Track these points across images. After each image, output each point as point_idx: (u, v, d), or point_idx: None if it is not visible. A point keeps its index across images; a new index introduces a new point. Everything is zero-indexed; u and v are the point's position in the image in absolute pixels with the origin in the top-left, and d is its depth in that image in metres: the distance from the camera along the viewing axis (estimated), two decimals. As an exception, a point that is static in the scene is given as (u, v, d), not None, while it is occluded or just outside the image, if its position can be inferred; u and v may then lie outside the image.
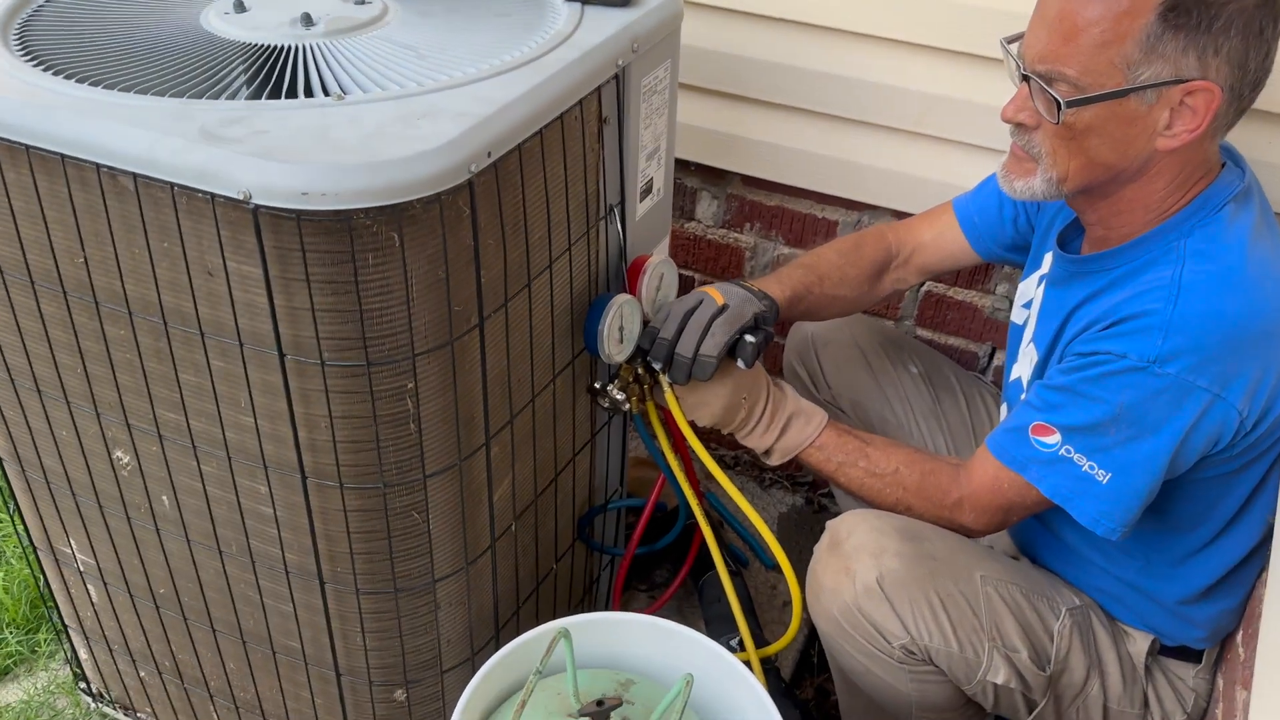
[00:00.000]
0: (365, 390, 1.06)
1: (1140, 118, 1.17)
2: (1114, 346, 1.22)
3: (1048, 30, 1.17)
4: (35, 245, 1.11)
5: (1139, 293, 1.23)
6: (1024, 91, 1.22)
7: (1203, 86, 1.13)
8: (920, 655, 1.35)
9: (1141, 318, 1.21)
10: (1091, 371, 1.23)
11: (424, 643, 1.28)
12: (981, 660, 1.35)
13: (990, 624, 1.36)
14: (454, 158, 0.98)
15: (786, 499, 2.16)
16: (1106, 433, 1.23)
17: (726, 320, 1.32)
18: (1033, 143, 1.24)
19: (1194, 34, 1.11)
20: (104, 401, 1.20)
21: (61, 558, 1.47)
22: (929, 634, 1.34)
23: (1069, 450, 1.26)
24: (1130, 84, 1.14)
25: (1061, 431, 1.26)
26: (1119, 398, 1.21)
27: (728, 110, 1.83)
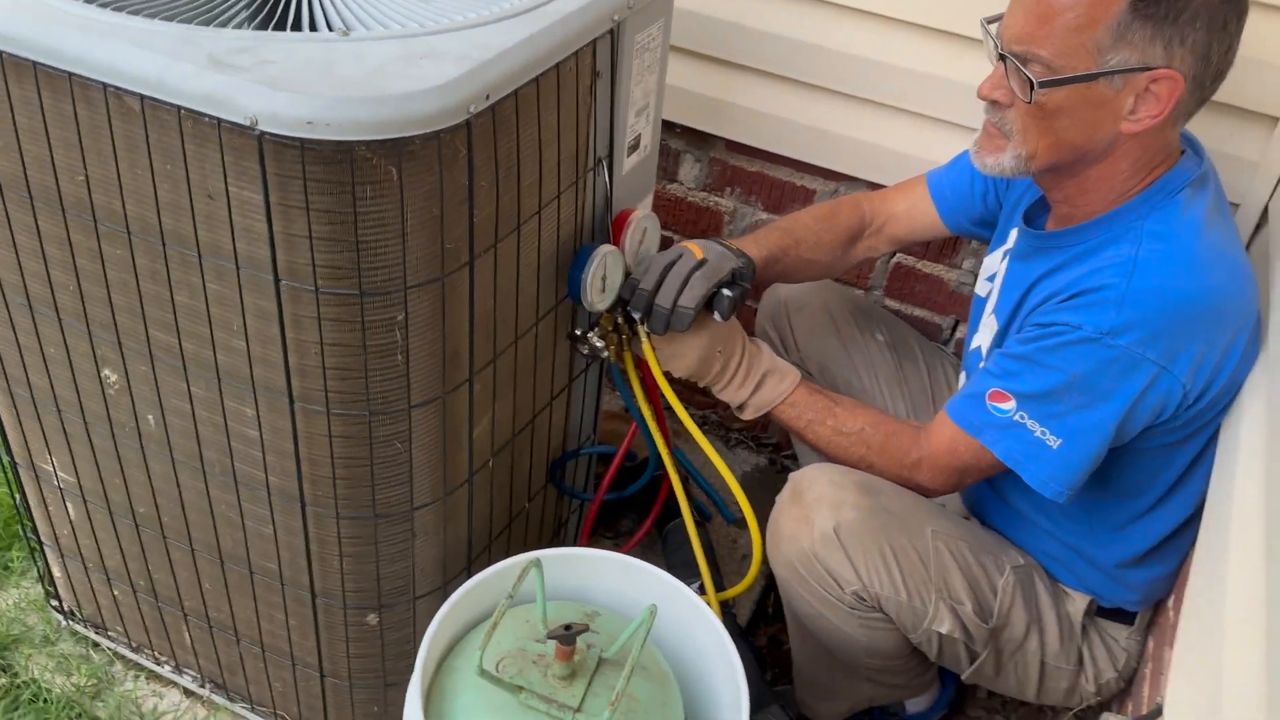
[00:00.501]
0: (357, 319, 1.10)
1: (1107, 102, 1.23)
2: (1071, 318, 1.28)
3: (1025, 12, 1.23)
4: (36, 162, 1.13)
5: (1098, 268, 1.29)
6: (1000, 70, 1.28)
7: (1167, 75, 1.20)
8: (871, 602, 1.43)
9: (1098, 291, 1.27)
10: (1049, 341, 1.30)
11: (399, 569, 1.32)
12: (928, 610, 1.43)
13: (938, 576, 1.43)
14: (454, 98, 1.02)
15: (751, 458, 2.22)
16: (1059, 400, 1.30)
17: (705, 274, 1.37)
18: (1005, 120, 1.29)
19: (1162, 24, 1.17)
20: (96, 320, 1.23)
21: (41, 475, 1.49)
22: (880, 582, 1.41)
23: (1023, 416, 1.33)
24: (1100, 68, 1.20)
25: (1017, 398, 1.33)
26: (1073, 367, 1.28)
27: (716, 75, 1.87)
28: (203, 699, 1.64)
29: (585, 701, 1.18)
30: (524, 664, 1.21)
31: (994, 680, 1.56)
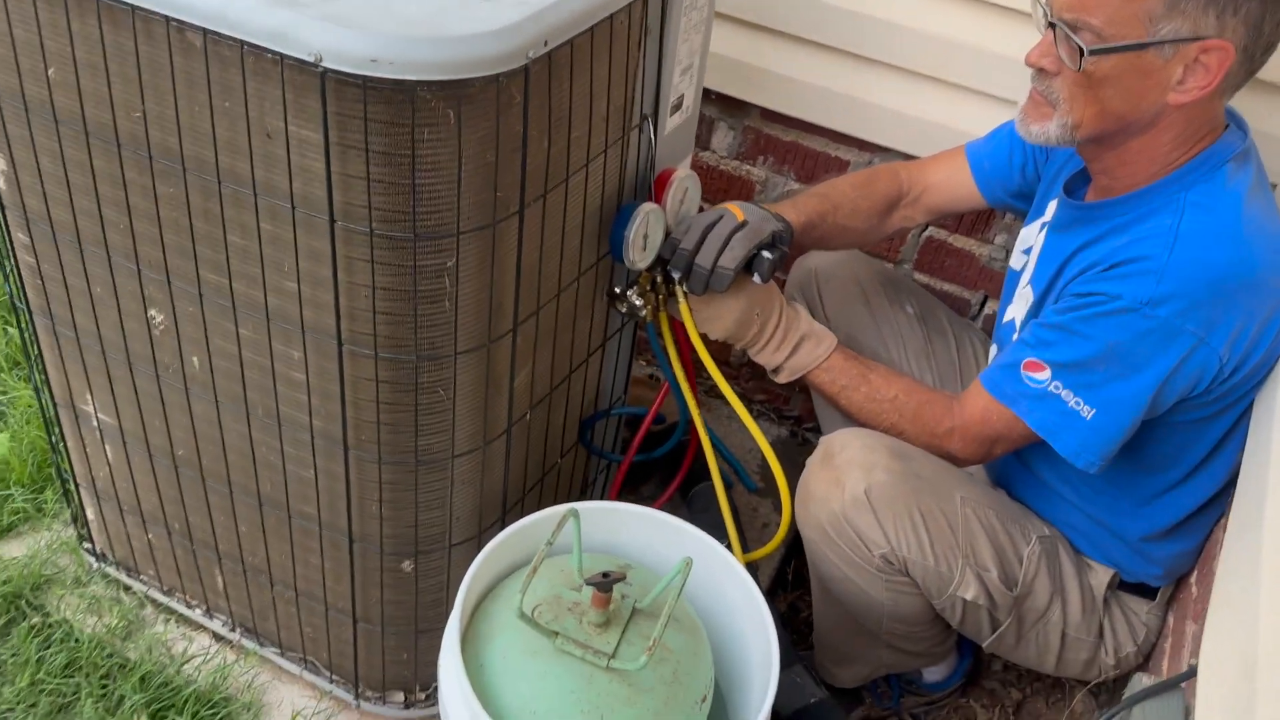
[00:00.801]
0: (409, 264, 1.11)
1: (1156, 71, 1.23)
2: (1109, 288, 1.29)
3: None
4: (94, 97, 1.14)
5: (1139, 239, 1.30)
6: (1048, 38, 1.27)
7: (1218, 45, 1.19)
8: (898, 566, 1.44)
9: (1139, 262, 1.28)
10: (1086, 311, 1.31)
11: (436, 516, 1.34)
12: (954, 576, 1.44)
13: (966, 543, 1.44)
14: (514, 41, 1.02)
15: (773, 430, 2.23)
16: (1094, 370, 1.31)
17: (745, 235, 1.38)
18: (1052, 89, 1.29)
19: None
20: (146, 260, 1.24)
21: (81, 416, 1.51)
22: (908, 546, 1.42)
23: (1057, 386, 1.34)
24: (1151, 38, 1.20)
25: (1052, 368, 1.34)
26: (1110, 336, 1.29)
27: (754, 41, 1.87)
28: (232, 643, 1.66)
29: (619, 649, 1.19)
30: (559, 610, 1.23)
31: (1014, 650, 1.57)
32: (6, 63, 1.18)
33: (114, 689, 1.60)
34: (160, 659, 1.65)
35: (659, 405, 1.66)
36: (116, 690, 1.60)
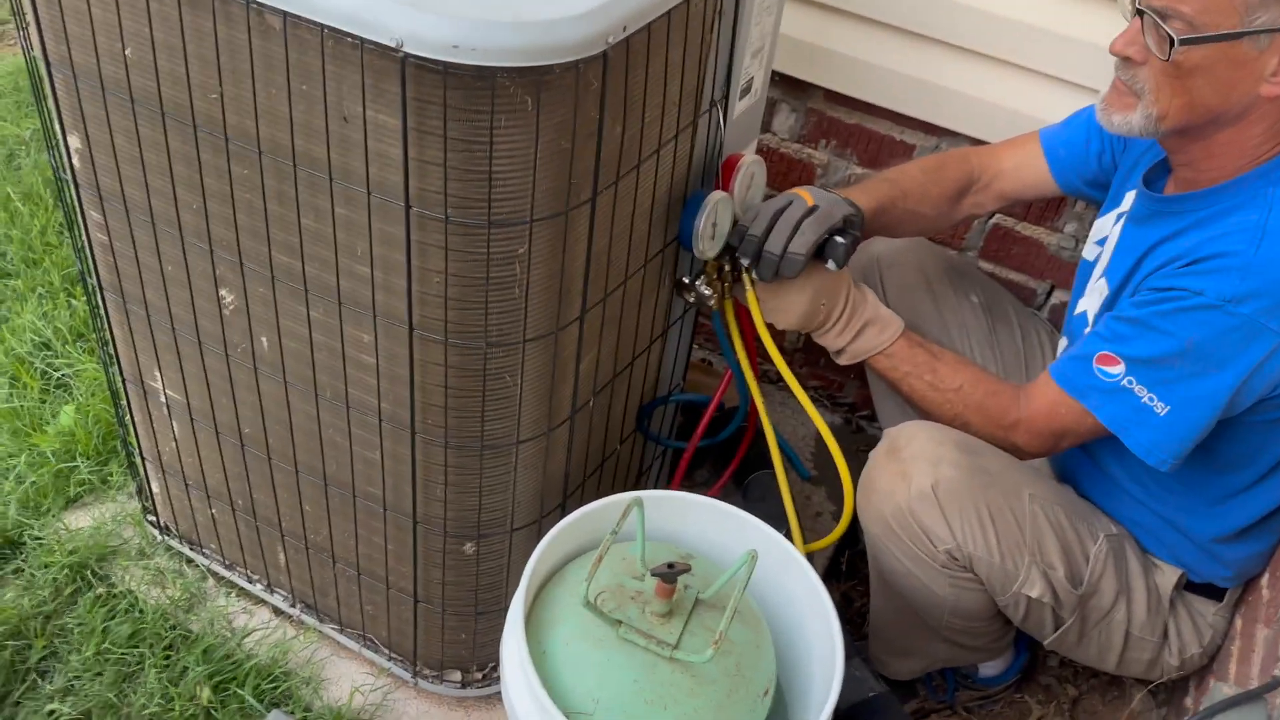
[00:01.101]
0: (481, 251, 1.10)
1: (1249, 62, 1.18)
2: (1191, 283, 1.25)
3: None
4: (171, 78, 1.14)
5: (1223, 234, 1.26)
6: (1136, 25, 1.23)
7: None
8: (963, 562, 1.42)
9: (1223, 258, 1.24)
10: (1165, 306, 1.27)
11: (499, 500, 1.34)
12: (1019, 573, 1.42)
13: (1033, 540, 1.42)
14: (594, 27, 1.01)
15: (826, 417, 2.21)
16: (1171, 366, 1.28)
17: (816, 220, 1.36)
18: (1137, 78, 1.25)
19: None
20: (219, 240, 1.24)
21: (149, 392, 1.53)
22: (974, 542, 1.40)
23: (1131, 381, 1.31)
24: (1245, 27, 1.15)
25: (1126, 362, 1.30)
26: (1189, 333, 1.25)
27: (820, 22, 1.84)
28: (292, 618, 1.69)
29: (682, 639, 1.19)
30: (622, 599, 1.23)
31: (1075, 648, 1.55)
32: (84, 42, 1.18)
33: (177, 660, 1.63)
34: (222, 632, 1.67)
35: (722, 392, 1.65)
36: (180, 661, 1.63)
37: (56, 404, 2.01)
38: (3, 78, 3.00)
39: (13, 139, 2.75)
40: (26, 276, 2.30)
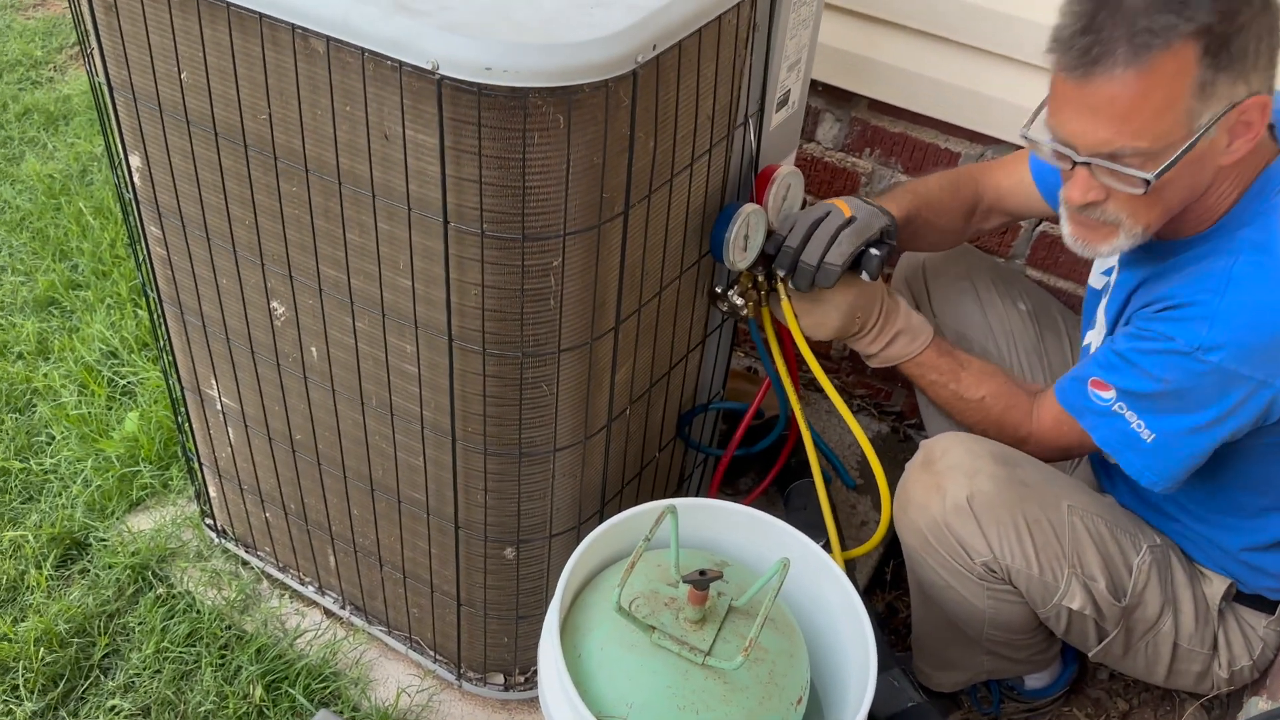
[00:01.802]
0: (517, 263, 1.13)
1: (1207, 152, 1.19)
2: (1166, 329, 1.27)
3: (1097, 116, 1.16)
4: (223, 100, 1.19)
5: (1194, 279, 1.26)
6: (1084, 175, 1.22)
7: (1255, 102, 1.16)
8: (1001, 574, 1.41)
9: (1191, 306, 1.25)
10: (1146, 345, 1.29)
11: (537, 506, 1.37)
12: (1060, 585, 1.41)
13: (1073, 551, 1.41)
14: (624, 47, 1.03)
15: (873, 425, 2.21)
16: (1155, 401, 1.30)
17: (854, 231, 1.37)
18: (1106, 212, 1.25)
19: (1234, 63, 1.13)
20: (269, 254, 1.29)
21: (206, 399, 1.59)
22: (1012, 554, 1.39)
23: (1121, 407, 1.33)
24: (1196, 132, 1.15)
25: (1117, 390, 1.33)
26: (1166, 375, 1.27)
27: (864, 32, 1.84)
28: (342, 620, 1.74)
29: (715, 646, 1.20)
30: (656, 605, 1.24)
31: (1121, 660, 1.53)
32: (143, 66, 1.24)
33: (232, 659, 1.69)
34: (275, 632, 1.73)
35: (760, 400, 1.66)
36: (234, 661, 1.68)
37: (122, 410, 2.10)
38: (78, 96, 3.13)
39: (86, 155, 2.87)
40: (96, 287, 2.40)
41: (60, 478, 1.98)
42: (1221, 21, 1.10)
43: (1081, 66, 1.14)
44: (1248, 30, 1.11)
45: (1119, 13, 1.12)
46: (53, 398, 2.13)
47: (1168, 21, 1.10)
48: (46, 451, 2.03)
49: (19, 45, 3.35)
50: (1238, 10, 1.11)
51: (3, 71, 3.24)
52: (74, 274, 2.46)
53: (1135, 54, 1.11)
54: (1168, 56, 1.10)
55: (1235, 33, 1.10)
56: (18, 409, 2.13)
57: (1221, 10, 1.10)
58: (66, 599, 1.77)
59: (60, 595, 1.78)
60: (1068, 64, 1.15)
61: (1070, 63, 1.15)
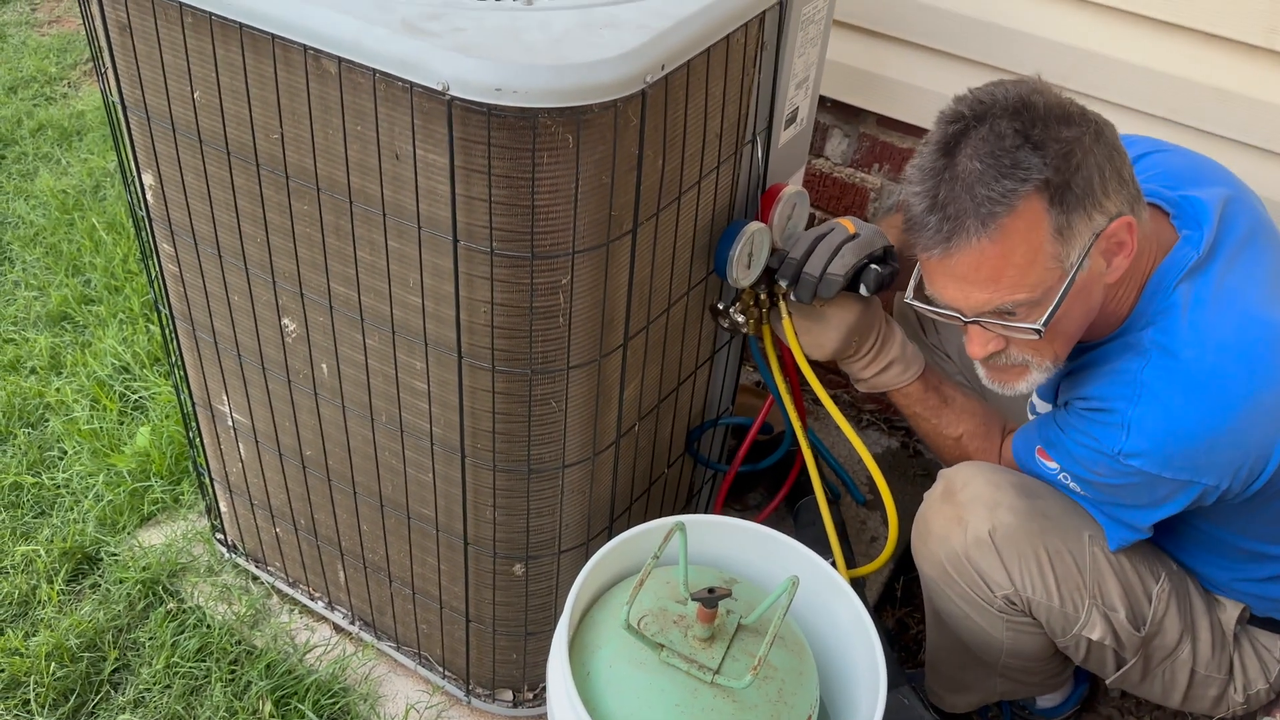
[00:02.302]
0: (525, 281, 1.14)
1: (1088, 280, 1.21)
2: (1089, 429, 1.29)
3: (968, 283, 1.20)
4: (235, 120, 1.20)
5: (1108, 381, 1.28)
6: (977, 331, 1.26)
7: (1120, 224, 1.18)
8: (1021, 606, 1.41)
9: (1107, 412, 1.26)
10: (1076, 438, 1.31)
11: (546, 523, 1.37)
12: (1080, 616, 1.40)
13: (1093, 582, 1.40)
14: (633, 67, 1.04)
15: (882, 440, 2.20)
16: (1092, 486, 1.34)
17: (856, 245, 1.37)
18: (1011, 356, 1.29)
19: (1084, 200, 1.16)
20: (281, 272, 1.30)
21: (217, 415, 1.60)
22: (1033, 587, 1.39)
23: (1066, 478, 1.37)
24: (1070, 270, 1.18)
25: (1059, 465, 1.36)
26: (1097, 469, 1.30)
27: (873, 48, 1.85)
28: (351, 635, 1.74)
29: (724, 664, 1.20)
30: (665, 623, 1.24)
31: (1138, 686, 1.52)
32: (156, 86, 1.25)
33: (241, 675, 1.69)
34: (284, 648, 1.73)
35: (764, 416, 1.66)
36: (244, 676, 1.69)
37: (133, 425, 2.11)
38: (91, 112, 3.15)
39: (99, 171, 2.89)
40: (109, 302, 2.42)
41: (72, 492, 1.99)
42: (1058, 171, 1.14)
43: (939, 244, 1.18)
44: (1084, 167, 1.15)
45: (957, 185, 1.16)
46: (65, 412, 2.14)
47: (1006, 187, 1.13)
48: (58, 466, 2.04)
49: (34, 61, 3.39)
50: (1069, 153, 1.14)
51: (18, 87, 3.27)
52: (87, 289, 2.48)
53: (984, 223, 1.14)
54: (1016, 217, 1.14)
55: (1073, 174, 1.14)
56: (30, 423, 2.14)
57: (1054, 161, 1.13)
58: (77, 614, 1.77)
59: (71, 610, 1.79)
60: (925, 244, 1.19)
61: (927, 242, 1.19)
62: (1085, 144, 1.15)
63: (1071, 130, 1.15)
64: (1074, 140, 1.14)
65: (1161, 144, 1.44)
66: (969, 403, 1.51)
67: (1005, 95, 1.17)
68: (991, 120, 1.15)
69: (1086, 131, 1.15)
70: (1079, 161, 1.14)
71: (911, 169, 1.21)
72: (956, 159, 1.16)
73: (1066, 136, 1.14)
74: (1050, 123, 1.14)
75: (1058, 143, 1.14)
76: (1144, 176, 1.27)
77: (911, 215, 1.20)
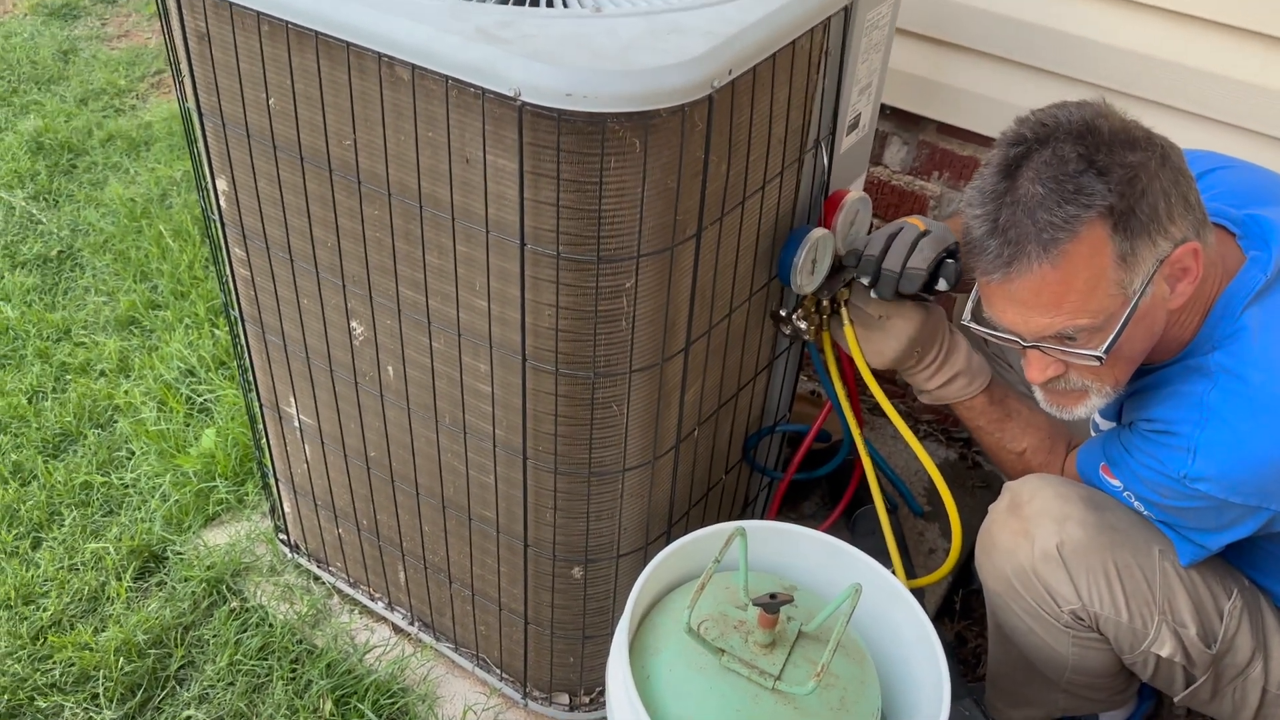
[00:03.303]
0: (591, 285, 1.15)
1: (1151, 306, 1.19)
2: (1155, 451, 1.27)
3: (1028, 308, 1.18)
4: (309, 126, 1.23)
5: (1174, 403, 1.26)
6: (1036, 355, 1.24)
7: (1184, 250, 1.16)
8: (1088, 622, 1.38)
9: (1173, 435, 1.24)
10: (1142, 459, 1.29)
11: (606, 526, 1.38)
12: (1149, 632, 1.37)
13: (1163, 598, 1.37)
14: (701, 72, 1.05)
15: (940, 452, 2.18)
16: (1157, 508, 1.32)
17: (933, 240, 1.37)
18: (1071, 381, 1.27)
19: (1149, 226, 1.13)
20: (350, 276, 1.33)
21: (284, 417, 1.63)
22: (1101, 602, 1.36)
23: (1131, 496, 1.34)
24: (1133, 297, 1.16)
25: (1123, 482, 1.34)
26: (1162, 491, 1.28)
27: (933, 56, 1.84)
28: (410, 636, 1.76)
29: (785, 671, 1.20)
30: (725, 628, 1.24)
31: (1207, 704, 1.48)
32: (232, 93, 1.29)
33: (302, 673, 1.72)
34: (345, 647, 1.76)
35: (820, 424, 1.65)
36: (305, 674, 1.71)
37: (199, 427, 2.16)
38: (159, 123, 3.24)
39: (166, 180, 2.97)
40: (175, 308, 2.48)
41: (139, 492, 2.04)
42: (1122, 197, 1.11)
43: (999, 269, 1.16)
44: (1149, 193, 1.12)
45: (1018, 209, 1.13)
46: (133, 414, 2.20)
47: (1069, 213, 1.11)
48: (127, 466, 2.10)
49: (104, 74, 3.49)
50: (1134, 179, 1.12)
51: (88, 99, 3.37)
52: (154, 294, 2.55)
53: (1045, 249, 1.12)
54: (1078, 243, 1.12)
55: (1138, 200, 1.12)
56: (100, 424, 2.20)
57: (1118, 186, 1.11)
58: (145, 610, 1.82)
59: (139, 607, 1.83)
60: (985, 268, 1.18)
61: (987, 266, 1.17)
62: (1150, 169, 1.13)
63: (1136, 155, 1.13)
64: (1139, 165, 1.12)
65: (1224, 159, 1.41)
66: (1034, 416, 1.49)
67: (1069, 118, 1.15)
68: (1055, 144, 1.13)
69: (1152, 156, 1.13)
70: (1144, 187, 1.12)
71: (971, 191, 1.20)
72: (1018, 182, 1.14)
73: (1131, 161, 1.12)
74: (1115, 147, 1.13)
75: (1122, 168, 1.12)
76: (1208, 195, 1.24)
77: (971, 238, 1.19)
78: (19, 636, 1.78)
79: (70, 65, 3.56)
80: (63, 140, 3.12)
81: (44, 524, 1.98)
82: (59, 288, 2.58)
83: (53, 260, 2.67)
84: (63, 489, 2.04)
